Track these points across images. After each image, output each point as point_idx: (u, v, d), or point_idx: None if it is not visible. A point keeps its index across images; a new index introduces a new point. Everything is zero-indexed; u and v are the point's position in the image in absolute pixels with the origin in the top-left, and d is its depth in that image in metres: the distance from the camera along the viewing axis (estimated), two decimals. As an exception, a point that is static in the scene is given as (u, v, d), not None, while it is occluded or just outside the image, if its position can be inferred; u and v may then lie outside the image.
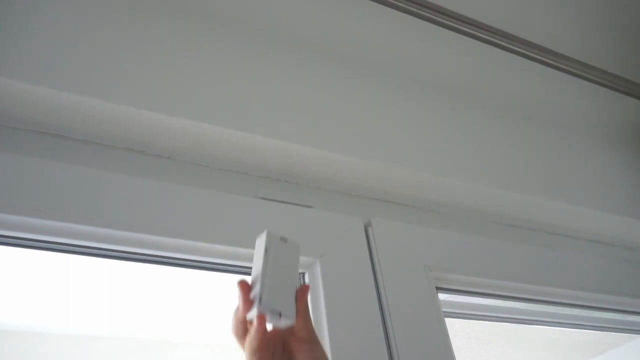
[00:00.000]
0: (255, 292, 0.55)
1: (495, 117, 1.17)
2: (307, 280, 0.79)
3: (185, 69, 0.81)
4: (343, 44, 1.05)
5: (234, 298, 0.62)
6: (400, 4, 0.98)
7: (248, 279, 0.58)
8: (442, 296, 0.91)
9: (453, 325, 0.87)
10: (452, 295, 0.96)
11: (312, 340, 0.58)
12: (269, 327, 0.56)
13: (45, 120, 0.72)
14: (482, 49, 1.14)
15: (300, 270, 0.79)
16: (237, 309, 0.57)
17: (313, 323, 0.61)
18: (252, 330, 0.54)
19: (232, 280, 0.78)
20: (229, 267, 0.76)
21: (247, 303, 0.55)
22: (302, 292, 0.58)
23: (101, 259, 0.71)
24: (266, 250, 0.58)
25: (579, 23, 1.47)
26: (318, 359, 0.58)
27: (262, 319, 0.54)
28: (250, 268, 0.74)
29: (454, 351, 0.81)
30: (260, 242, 0.59)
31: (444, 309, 0.87)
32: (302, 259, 0.77)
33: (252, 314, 0.54)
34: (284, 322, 0.55)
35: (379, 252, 0.84)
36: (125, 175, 0.72)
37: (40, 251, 0.67)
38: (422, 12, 1.00)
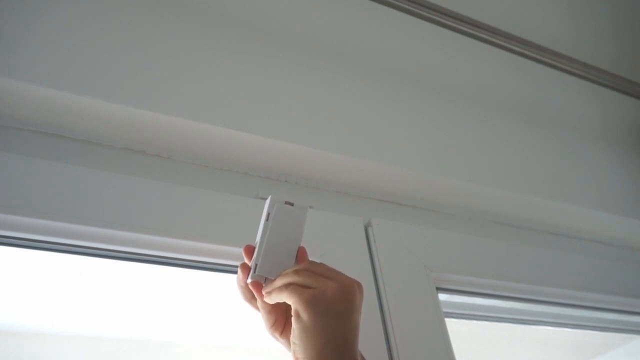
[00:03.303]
0: (253, 260, 0.58)
1: (495, 117, 1.17)
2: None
3: (185, 69, 0.81)
4: (344, 45, 1.05)
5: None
6: (399, 4, 0.98)
7: None
8: (442, 296, 0.91)
9: (453, 326, 0.87)
10: (452, 295, 0.96)
11: None
12: None
13: (45, 120, 0.72)
14: (482, 48, 1.14)
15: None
16: (238, 275, 0.60)
17: None
18: (259, 303, 0.58)
19: (232, 281, 0.78)
20: (229, 268, 0.76)
21: (246, 270, 0.58)
22: (300, 255, 0.60)
23: (101, 259, 0.71)
24: (267, 217, 0.59)
25: (578, 23, 1.47)
26: None
27: (258, 286, 0.57)
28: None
29: (454, 351, 0.81)
30: (265, 206, 0.60)
31: (444, 309, 0.87)
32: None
33: (249, 281, 0.57)
34: None
35: (379, 252, 0.84)
36: (125, 175, 0.72)
37: (40, 251, 0.67)
38: (423, 13, 1.00)
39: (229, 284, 0.82)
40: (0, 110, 0.70)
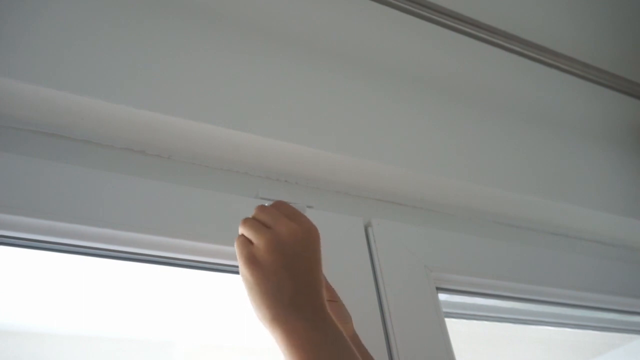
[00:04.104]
0: None
1: (496, 117, 1.17)
2: (307, 280, 0.79)
3: (185, 69, 0.81)
4: (344, 45, 1.05)
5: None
6: (399, 4, 0.98)
7: None
8: (442, 296, 0.91)
9: (453, 326, 0.87)
10: (452, 295, 0.96)
11: (335, 299, 0.62)
12: None
13: (45, 120, 0.72)
14: (482, 48, 1.14)
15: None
16: None
17: None
18: None
19: (232, 281, 0.79)
20: (229, 268, 0.76)
21: None
22: None
23: (101, 259, 0.71)
24: None
25: (578, 23, 1.47)
26: (344, 316, 0.61)
27: None
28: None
29: (454, 351, 0.81)
30: None
31: (444, 309, 0.87)
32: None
33: None
34: None
35: (379, 252, 0.84)
36: (125, 175, 0.72)
37: (40, 251, 0.67)
38: (423, 13, 1.00)
39: (229, 284, 0.82)
40: (0, 110, 0.70)
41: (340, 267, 0.79)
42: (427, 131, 1.03)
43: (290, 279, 0.48)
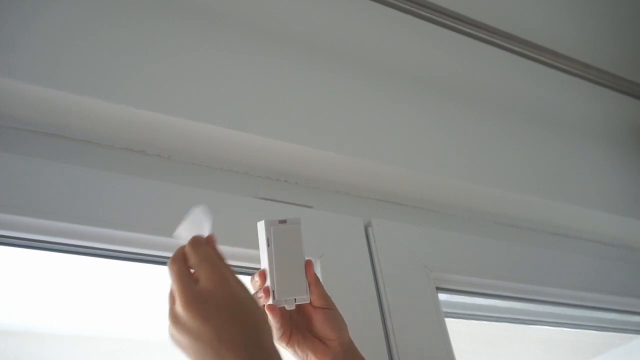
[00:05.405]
0: (269, 286, 0.58)
1: (496, 117, 1.17)
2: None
3: (185, 69, 0.81)
4: (344, 45, 1.05)
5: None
6: (399, 4, 0.98)
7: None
8: (442, 296, 0.91)
9: (453, 326, 0.87)
10: (452, 295, 0.96)
11: (330, 307, 0.62)
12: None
13: (45, 120, 0.72)
14: (482, 48, 1.14)
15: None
16: (260, 297, 0.59)
17: None
18: (271, 321, 0.57)
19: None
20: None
21: (267, 292, 0.59)
22: (307, 269, 0.60)
23: (101, 259, 0.71)
24: (268, 242, 0.59)
25: (578, 23, 1.47)
26: (339, 323, 0.62)
27: (274, 309, 0.58)
28: (251, 268, 0.74)
29: (454, 351, 0.81)
30: (261, 231, 0.60)
31: (444, 309, 0.87)
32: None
33: (269, 302, 0.58)
34: (300, 303, 0.59)
35: (379, 252, 0.84)
36: (125, 175, 0.72)
37: (40, 251, 0.67)
38: (423, 13, 1.00)
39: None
40: (0, 110, 0.70)
41: (340, 267, 0.79)
42: (427, 131, 1.03)
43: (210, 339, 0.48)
